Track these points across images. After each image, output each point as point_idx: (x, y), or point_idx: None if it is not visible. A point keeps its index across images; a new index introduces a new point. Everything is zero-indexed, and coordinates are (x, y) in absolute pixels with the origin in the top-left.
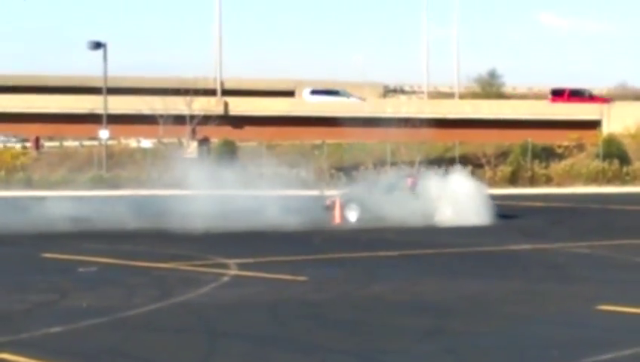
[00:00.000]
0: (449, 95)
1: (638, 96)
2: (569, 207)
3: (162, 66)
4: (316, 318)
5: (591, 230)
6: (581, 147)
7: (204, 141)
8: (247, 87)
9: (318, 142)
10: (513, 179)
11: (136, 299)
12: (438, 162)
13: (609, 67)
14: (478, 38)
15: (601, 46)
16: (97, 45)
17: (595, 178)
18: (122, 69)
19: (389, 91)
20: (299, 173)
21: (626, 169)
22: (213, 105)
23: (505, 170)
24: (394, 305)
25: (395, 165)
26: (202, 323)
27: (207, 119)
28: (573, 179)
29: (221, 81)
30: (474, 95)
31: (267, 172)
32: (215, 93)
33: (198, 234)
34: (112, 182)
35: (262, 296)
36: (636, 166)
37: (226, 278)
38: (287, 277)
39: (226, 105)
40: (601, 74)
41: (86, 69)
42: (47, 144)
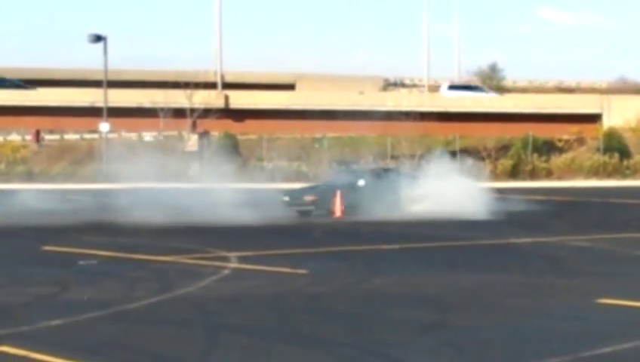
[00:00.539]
0: None
1: (639, 90)
2: (570, 200)
3: (163, 59)
4: (317, 311)
5: (591, 223)
6: (582, 141)
7: (205, 134)
8: (248, 80)
9: (319, 135)
10: (514, 173)
11: (137, 291)
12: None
13: (609, 61)
14: (478, 31)
15: (601, 40)
16: (98, 38)
17: (595, 171)
18: (123, 62)
19: (389, 85)
20: (299, 167)
21: (626, 162)
22: (214, 98)
23: (505, 163)
24: (394, 298)
25: (395, 158)
26: (203, 316)
27: (207, 112)
28: (573, 172)
29: (221, 74)
30: None
31: (267, 166)
32: (215, 86)
33: (198, 227)
34: (111, 175)
35: (262, 289)
36: (637, 159)
37: (226, 271)
38: (288, 270)
39: (226, 99)
40: (601, 67)
41: (86, 62)
42: (48, 137)
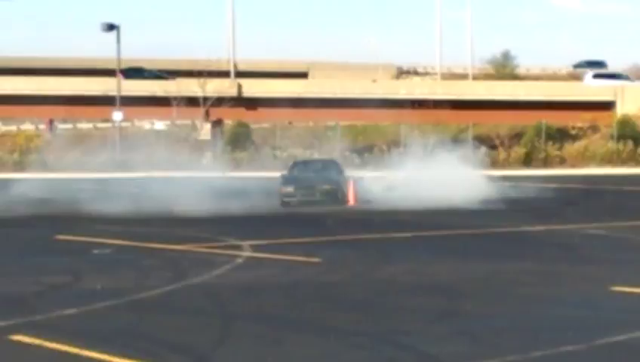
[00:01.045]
0: (462, 76)
1: None
2: (583, 188)
3: (175, 48)
4: (330, 299)
5: (605, 211)
6: (595, 128)
7: (218, 123)
8: (261, 68)
9: (332, 123)
10: (527, 161)
11: (151, 280)
12: (452, 143)
13: (622, 48)
14: (491, 19)
15: (614, 27)
16: (111, 27)
17: (609, 159)
18: (135, 51)
19: (402, 73)
20: (312, 155)
21: None
22: (227, 86)
23: (519, 151)
24: (407, 287)
25: (408, 146)
26: (217, 304)
27: (220, 101)
28: (587, 160)
29: (234, 63)
30: (487, 76)
31: (280, 154)
32: (228, 74)
33: (211, 215)
34: (125, 164)
35: (276, 277)
36: None
37: (240, 260)
38: (301, 259)
39: (239, 87)
40: (614, 54)
41: (99, 51)
42: (61, 126)
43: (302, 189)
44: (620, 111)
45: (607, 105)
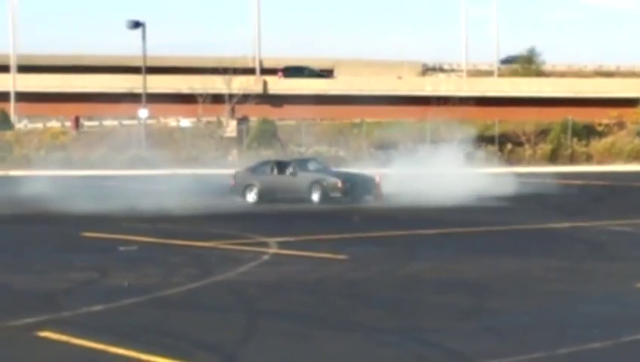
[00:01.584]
0: (488, 73)
1: None
2: (609, 185)
3: (201, 45)
4: (357, 296)
5: (632, 208)
6: (621, 125)
7: (243, 120)
8: (286, 65)
9: (358, 120)
10: (553, 157)
11: (177, 277)
12: (477, 140)
13: None
14: (517, 16)
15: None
16: (136, 24)
17: (636, 156)
18: (161, 49)
19: (427, 70)
20: (338, 152)
21: None
22: (252, 84)
23: (545, 148)
24: (433, 283)
25: (435, 144)
26: (243, 301)
27: (246, 98)
28: (613, 157)
29: (260, 60)
30: (513, 73)
31: (306, 151)
32: (254, 72)
33: (237, 212)
34: (151, 161)
35: (302, 274)
36: None
37: (266, 257)
38: (327, 256)
39: (265, 84)
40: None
41: (125, 48)
42: (87, 123)
43: (349, 183)
44: None
45: (634, 102)
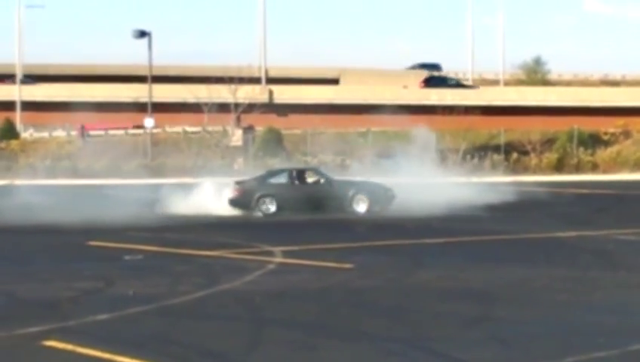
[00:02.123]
0: (494, 82)
1: None
2: (615, 194)
3: (207, 55)
4: (362, 305)
5: (638, 217)
6: (628, 134)
7: (249, 129)
8: (292, 75)
9: (363, 130)
10: (559, 166)
11: (183, 286)
12: (483, 149)
13: None
14: (522, 25)
15: None
16: (142, 34)
17: None
18: (167, 58)
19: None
20: (344, 161)
21: None
22: (258, 93)
23: (551, 157)
24: (440, 292)
25: (440, 152)
26: (248, 310)
27: (251, 107)
28: (619, 166)
29: (265, 69)
30: (519, 82)
31: (311, 160)
32: (259, 81)
33: (243, 221)
34: (157, 170)
35: (308, 283)
36: None
37: (271, 266)
38: (333, 265)
39: (270, 93)
40: None
41: (131, 57)
42: (93, 133)
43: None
44: None
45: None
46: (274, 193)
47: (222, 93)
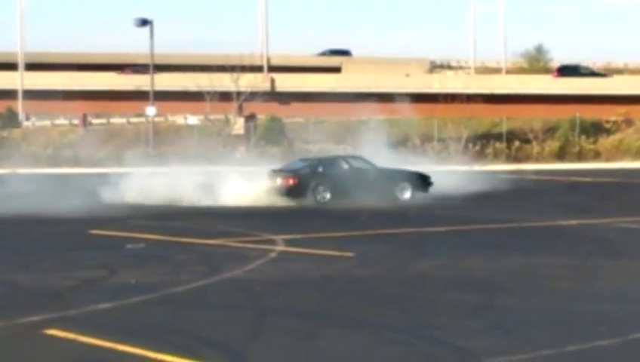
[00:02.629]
0: (496, 70)
1: None
2: (617, 182)
3: (209, 43)
4: (364, 294)
5: None
6: (630, 122)
7: (251, 117)
8: (294, 63)
9: (365, 118)
10: (561, 155)
11: (184, 275)
12: (485, 137)
13: None
14: (524, 13)
15: None
16: (144, 22)
17: None
18: (168, 46)
19: (435, 67)
20: (346, 150)
21: None
22: (260, 81)
23: (553, 145)
24: (441, 281)
25: (442, 141)
26: (250, 299)
27: (253, 95)
28: (621, 154)
29: (268, 58)
30: (521, 70)
31: (313, 148)
32: (262, 69)
33: (245, 210)
34: (158, 158)
35: (309, 271)
36: None
37: (273, 254)
38: (335, 253)
39: (272, 82)
40: None
41: (133, 46)
42: (94, 121)
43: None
44: None
45: None
46: (328, 181)
47: (224, 82)
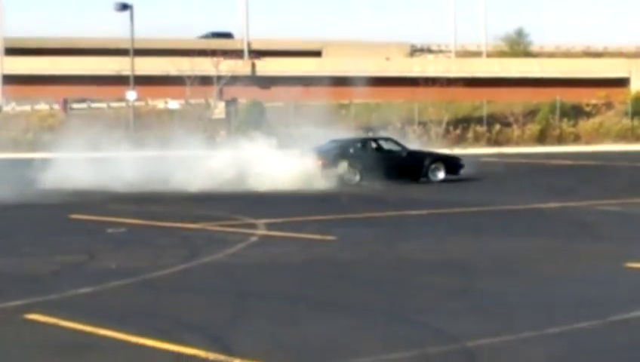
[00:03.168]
0: (476, 54)
1: None
2: (598, 165)
3: (189, 27)
4: (345, 277)
5: (620, 188)
6: (610, 105)
7: (232, 102)
8: (274, 47)
9: (346, 102)
10: (541, 138)
11: (165, 259)
12: (465, 121)
13: (637, 25)
14: None
15: (628, 3)
16: (124, 7)
17: (623, 136)
18: (149, 31)
19: (416, 50)
20: (327, 134)
21: None
22: (241, 65)
23: (533, 128)
24: (422, 264)
25: (423, 124)
26: (231, 283)
27: (234, 80)
28: (601, 137)
29: (248, 42)
30: (501, 54)
31: (294, 132)
32: (242, 54)
33: (226, 194)
34: (139, 143)
35: (290, 255)
36: None
37: (254, 238)
38: (316, 237)
39: (253, 66)
40: (628, 31)
41: (113, 30)
42: (76, 106)
43: None
44: (635, 87)
45: (622, 82)
46: (358, 163)
47: (204, 66)
